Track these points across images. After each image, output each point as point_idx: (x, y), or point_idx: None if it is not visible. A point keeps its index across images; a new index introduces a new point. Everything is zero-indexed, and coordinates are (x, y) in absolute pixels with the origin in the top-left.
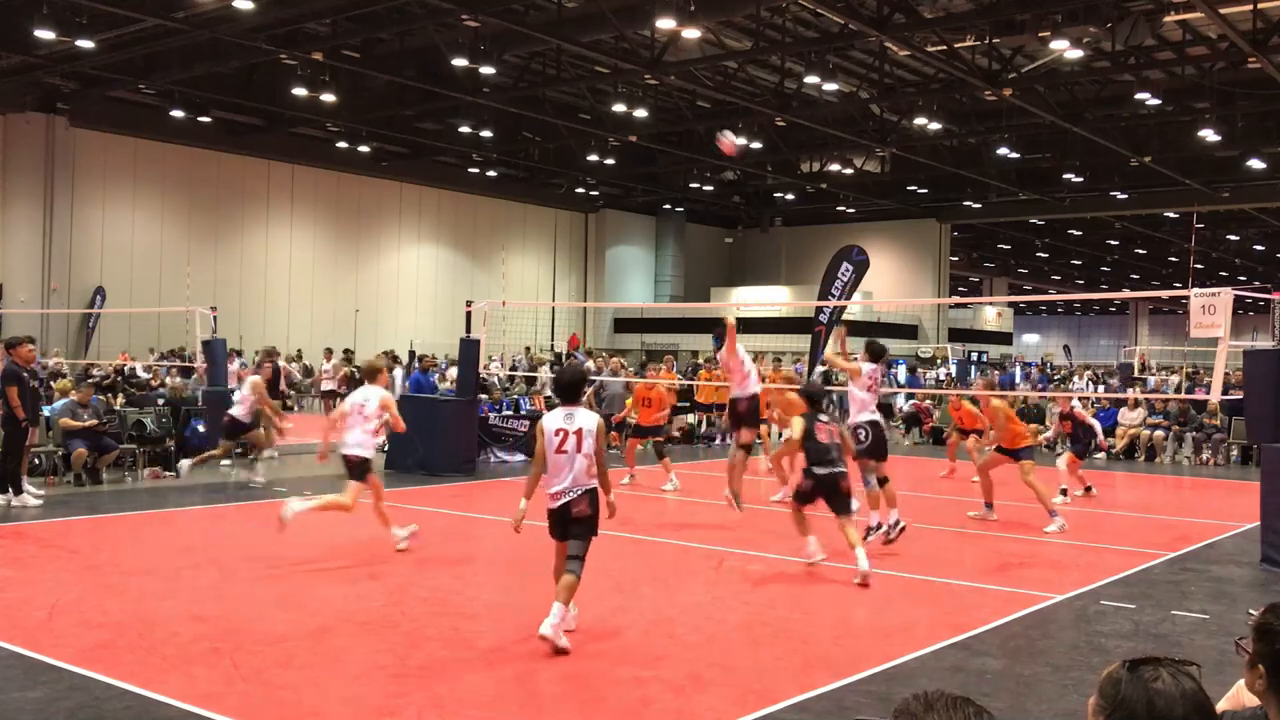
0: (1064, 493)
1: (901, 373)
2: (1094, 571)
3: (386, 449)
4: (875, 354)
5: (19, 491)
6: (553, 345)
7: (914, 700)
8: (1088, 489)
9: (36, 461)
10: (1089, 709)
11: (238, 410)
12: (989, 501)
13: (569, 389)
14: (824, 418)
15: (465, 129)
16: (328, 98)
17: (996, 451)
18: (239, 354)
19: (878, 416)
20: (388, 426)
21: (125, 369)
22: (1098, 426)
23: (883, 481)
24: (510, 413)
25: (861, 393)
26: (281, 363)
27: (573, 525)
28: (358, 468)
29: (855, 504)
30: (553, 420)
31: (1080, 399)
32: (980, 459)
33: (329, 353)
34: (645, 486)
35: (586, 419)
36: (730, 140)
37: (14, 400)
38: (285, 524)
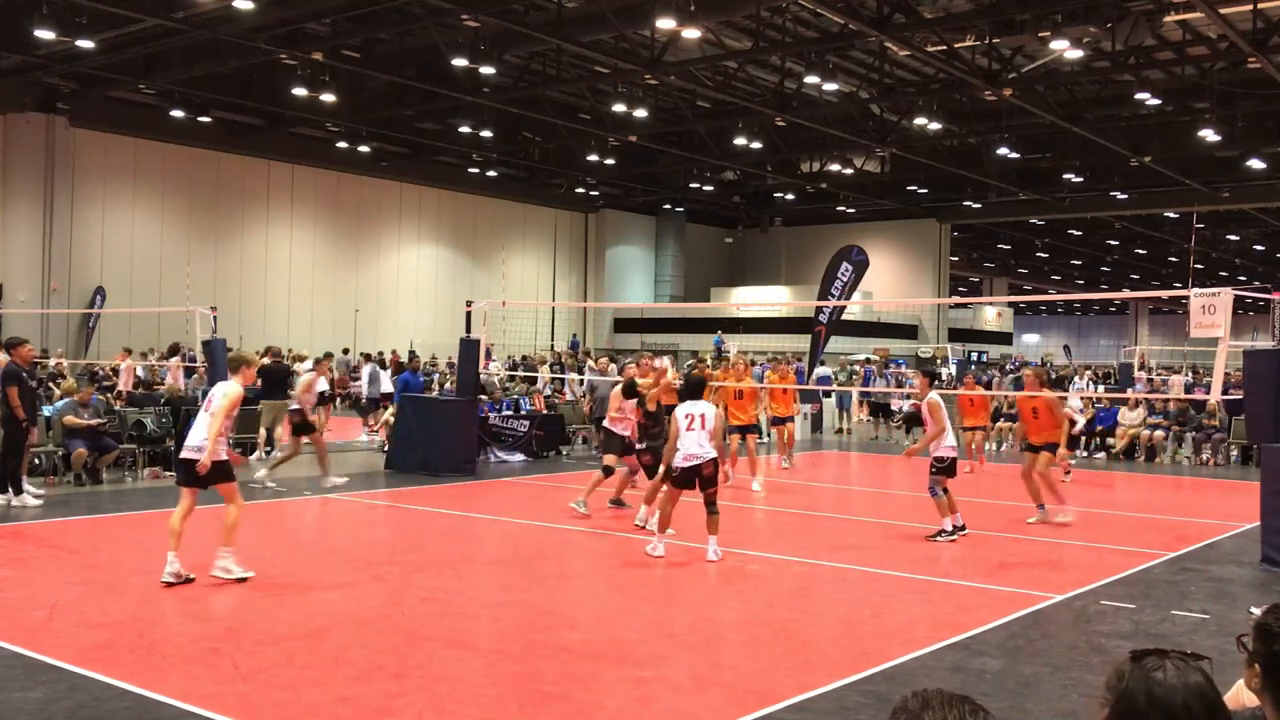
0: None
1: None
2: (1094, 571)
3: (386, 449)
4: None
5: (19, 491)
6: (552, 345)
7: (911, 698)
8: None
9: (36, 461)
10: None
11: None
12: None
13: (695, 389)
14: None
15: (465, 129)
16: (328, 98)
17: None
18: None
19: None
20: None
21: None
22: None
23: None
24: (510, 413)
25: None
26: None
27: (705, 479)
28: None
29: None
30: (683, 410)
31: (1082, 398)
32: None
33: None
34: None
35: (708, 409)
36: None
37: (14, 400)
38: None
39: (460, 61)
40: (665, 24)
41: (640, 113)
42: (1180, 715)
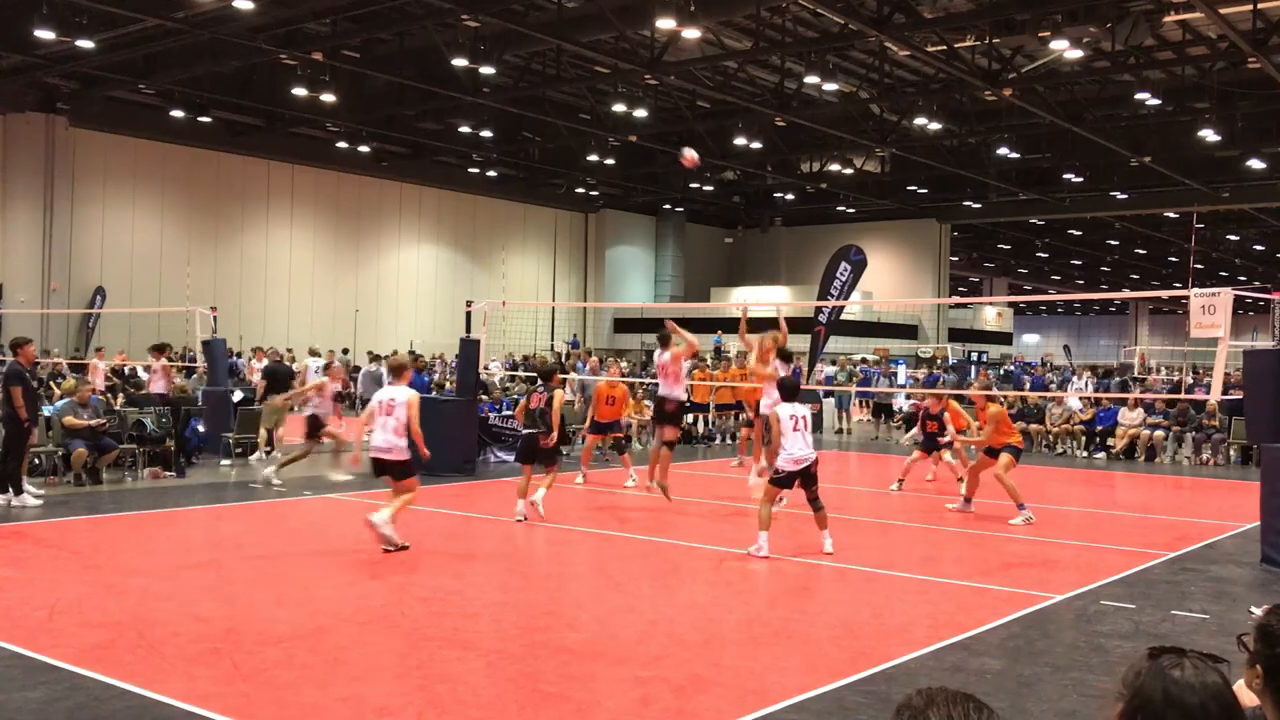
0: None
1: (901, 373)
2: (1094, 571)
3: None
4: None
5: (19, 491)
6: (552, 346)
7: (916, 695)
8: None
9: (36, 461)
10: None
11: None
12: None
13: (793, 391)
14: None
15: (465, 129)
16: (328, 98)
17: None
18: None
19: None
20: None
21: (125, 370)
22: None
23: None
24: (510, 413)
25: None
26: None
27: (809, 478)
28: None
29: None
30: (785, 410)
31: (1083, 398)
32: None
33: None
34: (641, 486)
35: (807, 411)
36: (691, 155)
37: (18, 400)
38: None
39: (460, 61)
40: (665, 24)
41: (640, 113)
42: (1197, 714)
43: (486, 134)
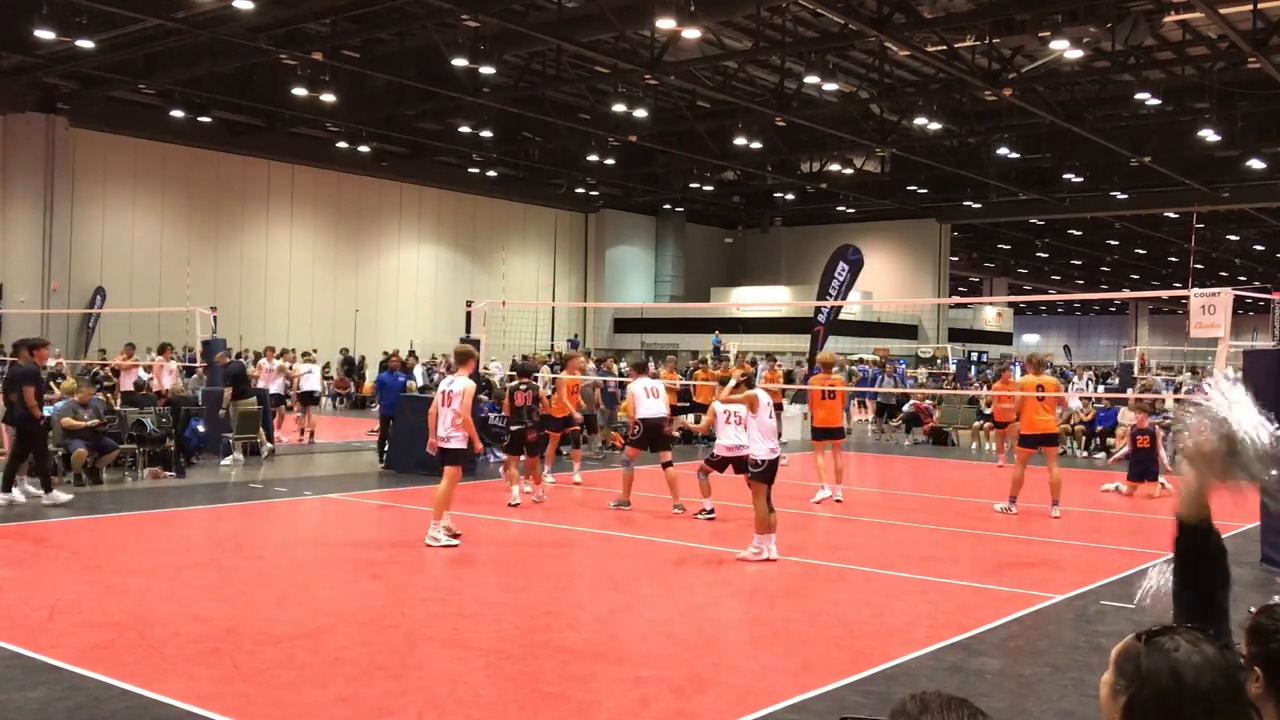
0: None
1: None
2: (1094, 571)
3: (388, 448)
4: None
5: (49, 489)
6: (552, 346)
7: (910, 701)
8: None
9: None
10: (1104, 692)
11: None
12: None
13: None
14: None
15: (465, 129)
16: (328, 98)
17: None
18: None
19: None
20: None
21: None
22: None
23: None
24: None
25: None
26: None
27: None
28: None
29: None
30: (720, 408)
31: (1083, 399)
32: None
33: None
34: (642, 485)
35: (742, 409)
36: None
37: (29, 399)
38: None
39: (460, 61)
40: (665, 24)
41: (640, 113)
42: (1211, 695)
43: (486, 134)
